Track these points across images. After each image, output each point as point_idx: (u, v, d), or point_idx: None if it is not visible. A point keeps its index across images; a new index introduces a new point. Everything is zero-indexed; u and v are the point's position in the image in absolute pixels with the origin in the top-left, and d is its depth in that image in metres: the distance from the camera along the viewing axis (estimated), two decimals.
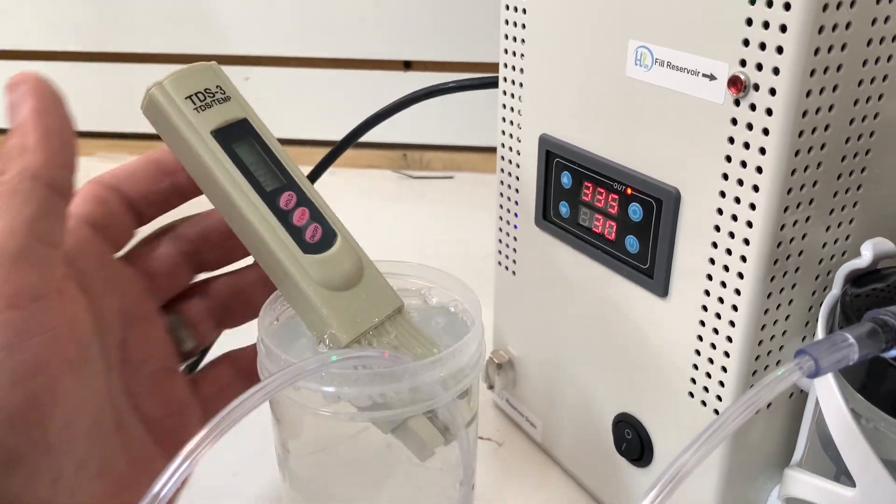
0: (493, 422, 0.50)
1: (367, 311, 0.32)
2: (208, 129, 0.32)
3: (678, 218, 0.33)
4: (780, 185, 0.29)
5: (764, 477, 0.37)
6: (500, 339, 0.49)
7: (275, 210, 0.32)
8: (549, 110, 0.40)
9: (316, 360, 0.26)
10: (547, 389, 0.46)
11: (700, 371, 0.35)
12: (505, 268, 0.47)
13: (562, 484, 0.45)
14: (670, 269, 0.35)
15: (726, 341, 0.33)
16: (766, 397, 0.23)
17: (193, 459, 0.23)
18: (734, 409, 0.23)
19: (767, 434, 0.36)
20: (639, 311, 0.37)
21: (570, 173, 0.39)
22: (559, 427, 0.46)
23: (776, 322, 0.33)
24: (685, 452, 0.23)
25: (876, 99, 0.30)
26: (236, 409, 0.24)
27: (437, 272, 0.36)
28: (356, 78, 0.89)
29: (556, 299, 0.43)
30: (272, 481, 0.44)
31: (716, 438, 0.23)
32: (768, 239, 0.30)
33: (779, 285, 0.32)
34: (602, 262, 0.38)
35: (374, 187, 0.87)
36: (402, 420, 0.30)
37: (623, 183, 0.36)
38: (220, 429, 0.24)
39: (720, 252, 0.32)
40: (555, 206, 0.41)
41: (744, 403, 0.23)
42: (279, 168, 0.33)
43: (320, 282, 0.31)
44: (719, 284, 0.33)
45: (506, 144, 0.44)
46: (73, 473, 0.27)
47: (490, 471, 0.46)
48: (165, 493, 0.23)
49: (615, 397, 0.40)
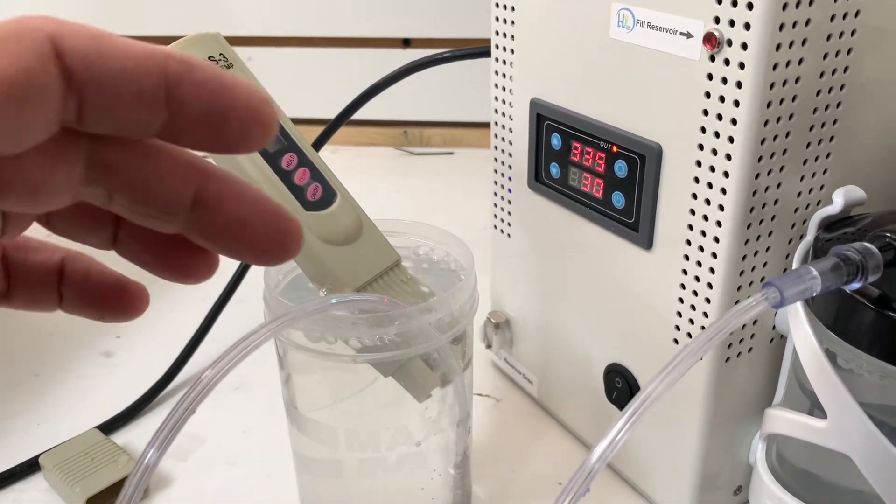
0: (492, 380, 0.52)
1: (367, 264, 0.34)
2: None
3: (660, 172, 0.35)
4: (753, 135, 0.31)
5: (749, 421, 0.39)
6: (497, 300, 0.51)
7: (277, 170, 0.34)
8: (538, 74, 0.41)
9: (318, 302, 0.28)
10: (542, 346, 0.48)
11: (683, 318, 0.36)
12: (501, 231, 0.49)
13: (557, 435, 0.47)
14: (654, 221, 0.36)
15: (707, 288, 0.35)
16: (733, 325, 0.25)
17: (189, 409, 0.25)
18: (704, 336, 0.25)
19: (750, 379, 0.38)
20: (626, 265, 0.39)
21: (560, 135, 0.41)
22: (554, 381, 0.48)
23: (754, 268, 0.34)
24: (656, 378, 0.25)
25: (845, 53, 0.32)
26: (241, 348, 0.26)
27: (432, 228, 0.37)
28: (356, 56, 0.91)
29: (549, 258, 0.45)
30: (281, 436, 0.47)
31: (685, 364, 0.24)
32: (744, 188, 0.32)
33: (755, 233, 0.34)
34: (591, 219, 0.40)
35: (375, 164, 0.89)
36: (400, 363, 0.32)
37: (609, 141, 0.37)
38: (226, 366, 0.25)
39: (700, 203, 0.34)
40: (546, 167, 0.42)
41: (713, 329, 0.25)
42: (281, 131, 0.35)
43: (322, 237, 0.33)
44: (699, 234, 0.34)
45: (499, 110, 0.45)
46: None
47: (489, 425, 0.48)
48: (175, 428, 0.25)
49: (605, 349, 0.42)
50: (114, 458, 0.43)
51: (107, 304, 0.24)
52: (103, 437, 0.45)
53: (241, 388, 0.52)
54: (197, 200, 0.20)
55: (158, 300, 0.63)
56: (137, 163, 0.19)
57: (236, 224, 0.20)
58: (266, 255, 0.21)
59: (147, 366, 0.53)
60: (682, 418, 0.38)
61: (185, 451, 0.46)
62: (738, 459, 0.40)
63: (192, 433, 0.47)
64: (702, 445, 0.38)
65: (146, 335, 0.58)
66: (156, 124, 0.18)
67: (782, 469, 0.36)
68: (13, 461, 0.45)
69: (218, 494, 0.43)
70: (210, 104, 0.18)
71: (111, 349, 0.56)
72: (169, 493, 0.43)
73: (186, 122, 0.18)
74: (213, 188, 0.20)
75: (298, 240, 0.21)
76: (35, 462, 0.44)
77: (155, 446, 0.24)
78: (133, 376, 0.52)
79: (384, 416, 0.35)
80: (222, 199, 0.20)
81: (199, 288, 0.36)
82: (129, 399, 0.49)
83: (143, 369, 0.52)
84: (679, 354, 0.25)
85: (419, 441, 0.35)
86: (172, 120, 0.18)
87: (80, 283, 0.24)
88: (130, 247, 0.22)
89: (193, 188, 0.20)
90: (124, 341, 0.57)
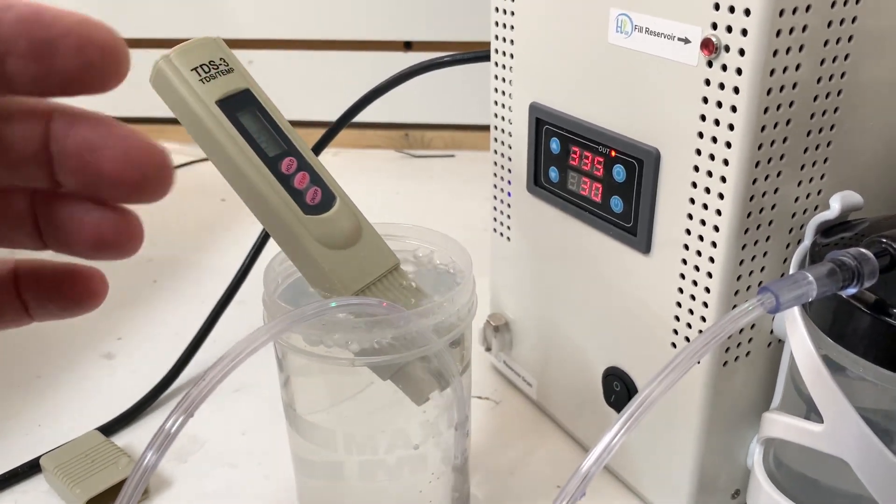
0: (491, 383, 0.53)
1: (366, 268, 0.34)
2: (213, 98, 0.34)
3: (658, 176, 0.35)
4: (751, 141, 0.31)
5: (746, 425, 0.39)
6: (496, 303, 0.51)
7: (277, 174, 0.34)
8: (538, 79, 0.42)
9: (317, 306, 0.29)
10: (541, 349, 0.48)
11: (681, 322, 0.37)
12: (500, 234, 0.49)
13: (556, 437, 0.47)
14: (652, 226, 0.36)
15: (704, 292, 0.35)
16: (729, 329, 0.25)
17: (188, 412, 0.25)
18: (701, 340, 0.25)
19: (748, 383, 0.38)
20: (624, 269, 0.39)
21: (559, 139, 0.41)
22: (553, 384, 0.48)
23: (751, 273, 0.35)
24: (653, 381, 0.25)
25: (842, 59, 0.32)
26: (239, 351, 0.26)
27: (431, 233, 0.38)
28: (358, 59, 0.91)
29: (548, 262, 0.45)
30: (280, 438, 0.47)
31: (682, 367, 0.25)
32: (742, 193, 0.32)
33: (753, 238, 0.34)
34: (589, 223, 0.40)
35: (376, 167, 0.90)
36: (399, 367, 0.32)
37: (607, 146, 0.38)
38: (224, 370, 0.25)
39: (697, 207, 0.34)
40: (545, 171, 0.43)
41: (710, 333, 0.25)
42: (280, 135, 0.35)
43: (320, 240, 0.33)
44: (697, 238, 0.34)
45: (498, 115, 0.46)
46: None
47: (488, 428, 0.49)
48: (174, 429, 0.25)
49: (604, 352, 0.42)
50: (114, 459, 0.43)
51: (65, 294, 0.24)
52: (104, 439, 0.45)
53: (242, 390, 0.52)
54: (48, 137, 0.19)
55: (160, 301, 0.63)
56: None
57: (87, 150, 0.19)
58: (125, 185, 0.19)
59: (148, 367, 0.53)
60: (679, 422, 0.38)
61: (185, 453, 0.46)
62: (736, 463, 0.40)
63: (192, 434, 0.48)
64: (700, 449, 0.38)
65: (147, 337, 0.58)
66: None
67: (780, 473, 0.37)
68: (14, 462, 0.45)
69: (217, 496, 0.43)
70: (32, 34, 0.18)
71: (112, 351, 0.56)
72: (169, 495, 0.44)
73: (18, 61, 0.18)
74: (61, 121, 0.19)
75: (162, 167, 0.20)
76: (36, 463, 0.44)
77: (154, 448, 0.25)
78: (134, 378, 0.53)
79: (382, 419, 0.35)
80: (71, 127, 0.19)
81: (200, 289, 0.36)
82: (129, 401, 0.50)
83: (145, 371, 0.53)
84: (676, 358, 0.25)
85: (417, 444, 0.35)
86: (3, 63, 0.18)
87: (33, 282, 0.24)
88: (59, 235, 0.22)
89: (42, 125, 0.19)
90: (125, 343, 0.57)
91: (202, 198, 0.82)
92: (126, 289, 0.63)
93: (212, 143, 0.34)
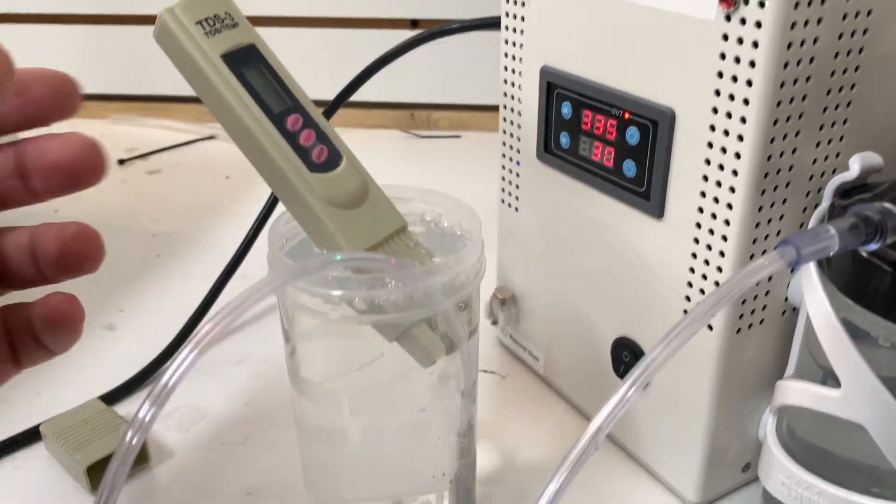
0: (497, 357, 0.52)
1: (372, 229, 0.33)
2: (218, 52, 0.33)
3: (673, 137, 0.34)
4: (769, 97, 0.30)
5: (758, 396, 0.38)
6: (503, 276, 0.50)
7: (282, 130, 0.33)
8: (549, 42, 0.41)
9: (322, 259, 0.28)
10: (548, 321, 0.47)
11: (694, 289, 0.36)
12: (508, 205, 0.48)
13: (563, 411, 0.47)
14: (666, 189, 0.36)
15: (719, 256, 0.34)
16: (746, 284, 0.24)
17: (200, 349, 0.24)
18: (715, 295, 0.24)
19: (761, 352, 0.37)
20: (636, 235, 0.38)
21: (571, 103, 0.40)
22: (560, 357, 0.47)
23: (767, 237, 0.34)
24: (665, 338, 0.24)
25: (865, 15, 0.31)
26: (245, 302, 0.25)
27: (439, 195, 0.37)
28: (364, 37, 0.90)
29: (557, 231, 0.44)
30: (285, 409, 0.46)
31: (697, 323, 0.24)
32: (759, 153, 0.31)
33: (770, 199, 0.33)
34: (601, 189, 0.39)
35: (381, 147, 0.89)
36: (405, 328, 0.32)
37: (620, 107, 0.37)
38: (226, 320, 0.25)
39: (713, 168, 0.33)
40: (556, 137, 0.42)
41: (726, 288, 0.24)
42: (286, 91, 0.34)
43: (326, 199, 0.33)
44: (712, 200, 0.34)
45: (508, 80, 0.45)
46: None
47: (494, 402, 0.48)
48: (173, 382, 0.24)
49: (614, 322, 0.41)
50: (115, 427, 0.43)
51: (69, 249, 0.28)
52: (105, 407, 0.44)
53: (245, 361, 0.51)
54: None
55: (162, 276, 0.63)
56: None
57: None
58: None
59: (150, 339, 0.52)
60: (690, 393, 0.37)
61: (188, 422, 0.46)
62: (748, 436, 0.39)
63: (194, 404, 0.47)
64: (711, 421, 0.37)
65: (149, 309, 0.57)
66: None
67: (793, 444, 0.36)
68: (14, 430, 0.44)
69: (220, 465, 0.43)
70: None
71: (114, 322, 0.56)
72: (171, 464, 0.43)
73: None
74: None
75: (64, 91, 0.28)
76: (36, 431, 0.44)
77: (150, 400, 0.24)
78: (136, 348, 0.52)
79: (388, 383, 0.34)
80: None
81: (203, 265, 0.35)
82: (131, 370, 0.49)
83: (146, 342, 0.52)
84: (693, 312, 0.24)
85: (423, 407, 0.34)
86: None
87: (45, 241, 0.28)
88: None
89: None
90: (127, 315, 0.57)
91: (206, 175, 0.81)
92: (129, 263, 0.63)
93: (216, 97, 0.33)
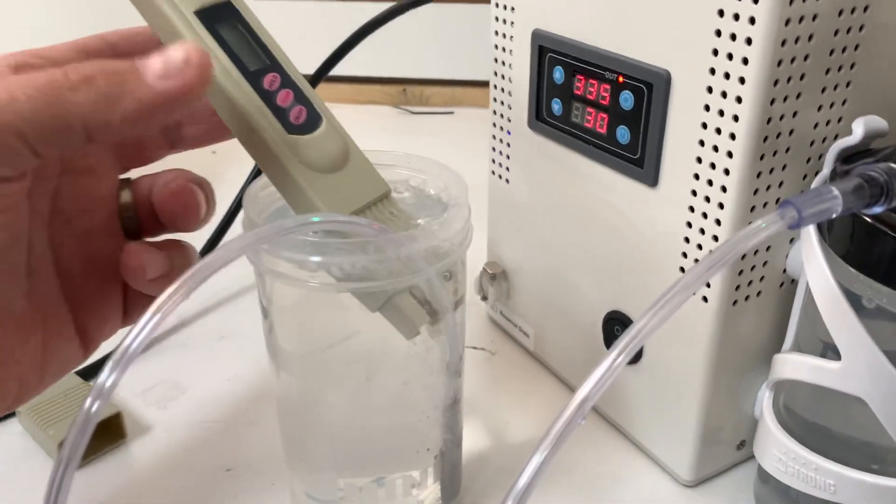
0: (487, 333, 0.50)
1: (353, 195, 0.32)
2: (191, 8, 0.31)
3: (668, 101, 0.33)
4: (769, 58, 0.29)
5: (754, 372, 0.37)
6: (493, 251, 0.49)
7: (258, 90, 0.31)
8: (540, 4, 0.39)
9: (298, 219, 0.26)
10: (539, 296, 0.46)
11: (689, 259, 0.34)
12: (499, 176, 0.47)
13: (553, 388, 0.45)
14: (660, 156, 0.34)
15: (715, 225, 0.33)
16: (744, 247, 0.23)
17: (164, 313, 0.23)
18: (711, 258, 0.23)
19: (758, 325, 0.36)
20: (630, 205, 0.37)
21: (563, 67, 0.38)
22: (551, 333, 0.46)
23: (766, 204, 0.32)
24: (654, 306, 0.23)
25: None
26: (206, 266, 0.24)
27: (424, 160, 0.35)
28: (345, 9, 0.88)
29: (548, 203, 0.43)
30: (267, 385, 0.45)
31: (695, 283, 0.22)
32: (758, 115, 0.30)
33: (769, 165, 0.31)
34: (593, 157, 0.38)
35: (374, 123, 0.87)
36: (388, 297, 0.30)
37: (615, 71, 0.35)
38: (192, 282, 0.23)
39: (710, 133, 0.32)
40: (547, 104, 0.40)
41: (723, 250, 0.23)
42: (263, 50, 0.33)
43: (305, 162, 0.31)
44: (709, 167, 0.32)
45: (499, 46, 0.43)
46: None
47: (483, 379, 0.47)
48: (135, 347, 0.23)
49: (606, 296, 0.40)
50: None
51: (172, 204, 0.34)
52: (81, 382, 0.43)
53: (227, 337, 0.50)
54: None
55: None
56: None
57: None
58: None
59: None
60: (684, 368, 0.36)
61: (166, 399, 0.44)
62: (743, 413, 0.38)
63: (174, 381, 0.46)
64: (705, 396, 0.36)
65: None
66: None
67: (789, 420, 0.35)
68: None
69: (198, 440, 0.42)
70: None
71: None
72: (147, 439, 0.42)
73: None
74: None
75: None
76: None
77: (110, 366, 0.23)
78: None
79: (370, 355, 0.33)
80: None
81: (187, 237, 0.34)
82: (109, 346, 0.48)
83: None
84: (685, 275, 0.23)
85: (407, 380, 0.33)
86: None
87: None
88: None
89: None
90: None
91: (193, 150, 0.79)
92: None
93: None
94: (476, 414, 0.43)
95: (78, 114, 0.25)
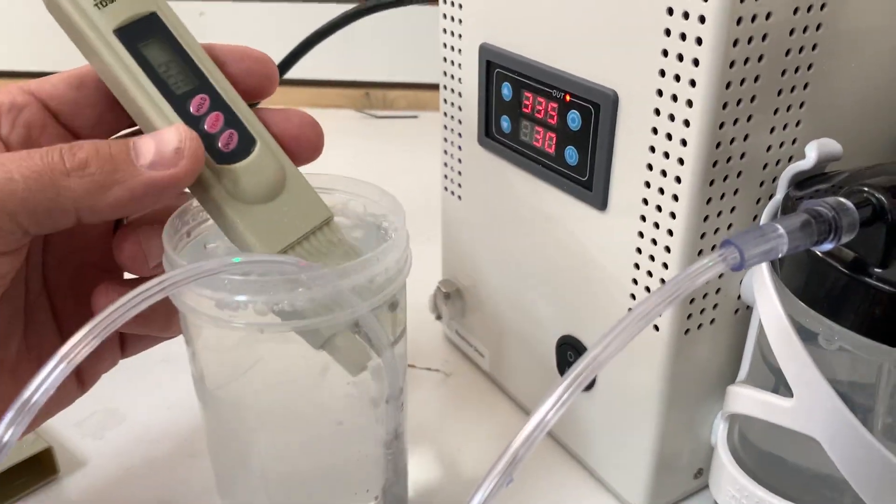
0: (442, 353, 0.49)
1: (291, 225, 0.30)
2: (111, 27, 0.29)
3: (616, 122, 0.32)
4: (717, 78, 0.27)
5: (711, 399, 0.36)
6: (448, 268, 0.47)
7: (184, 115, 0.30)
8: (488, 17, 0.38)
9: (217, 262, 0.25)
10: (494, 317, 0.44)
11: (639, 286, 0.33)
12: (451, 192, 0.45)
13: (508, 411, 0.44)
14: (609, 179, 0.33)
15: (665, 252, 0.31)
16: (686, 288, 0.21)
17: (70, 362, 0.21)
18: (652, 300, 0.21)
19: (713, 353, 0.35)
20: (579, 228, 0.35)
21: (511, 83, 0.37)
22: (506, 355, 0.44)
23: (717, 231, 0.31)
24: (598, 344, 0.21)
25: None
26: (118, 310, 0.22)
27: (363, 184, 0.34)
28: (313, 12, 0.86)
29: (500, 222, 0.41)
30: None
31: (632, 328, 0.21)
32: (707, 139, 0.29)
33: (719, 190, 0.30)
34: (543, 177, 0.37)
35: (336, 127, 0.84)
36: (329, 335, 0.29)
37: (561, 89, 0.34)
38: (99, 330, 0.22)
39: (658, 156, 0.30)
40: (496, 121, 0.39)
41: (663, 293, 0.21)
42: (192, 69, 0.31)
43: (236, 195, 0.29)
44: (657, 191, 0.31)
45: (448, 59, 0.42)
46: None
47: (436, 402, 0.45)
48: (37, 398, 0.21)
49: (558, 320, 0.39)
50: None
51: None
52: None
53: (169, 360, 0.48)
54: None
55: None
56: None
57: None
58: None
59: None
60: (639, 396, 0.35)
61: (102, 428, 0.42)
62: (699, 440, 0.37)
63: (112, 408, 0.44)
64: (660, 425, 0.35)
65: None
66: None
67: (745, 451, 0.33)
68: None
69: (135, 474, 0.40)
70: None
71: None
72: (82, 475, 0.40)
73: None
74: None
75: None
76: None
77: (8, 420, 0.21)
78: None
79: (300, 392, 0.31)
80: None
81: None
82: None
83: None
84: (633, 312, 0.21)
85: (341, 420, 0.31)
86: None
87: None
88: None
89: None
90: None
91: None
92: None
93: (111, 78, 0.29)
94: (426, 441, 0.42)
95: (71, 198, 0.25)
